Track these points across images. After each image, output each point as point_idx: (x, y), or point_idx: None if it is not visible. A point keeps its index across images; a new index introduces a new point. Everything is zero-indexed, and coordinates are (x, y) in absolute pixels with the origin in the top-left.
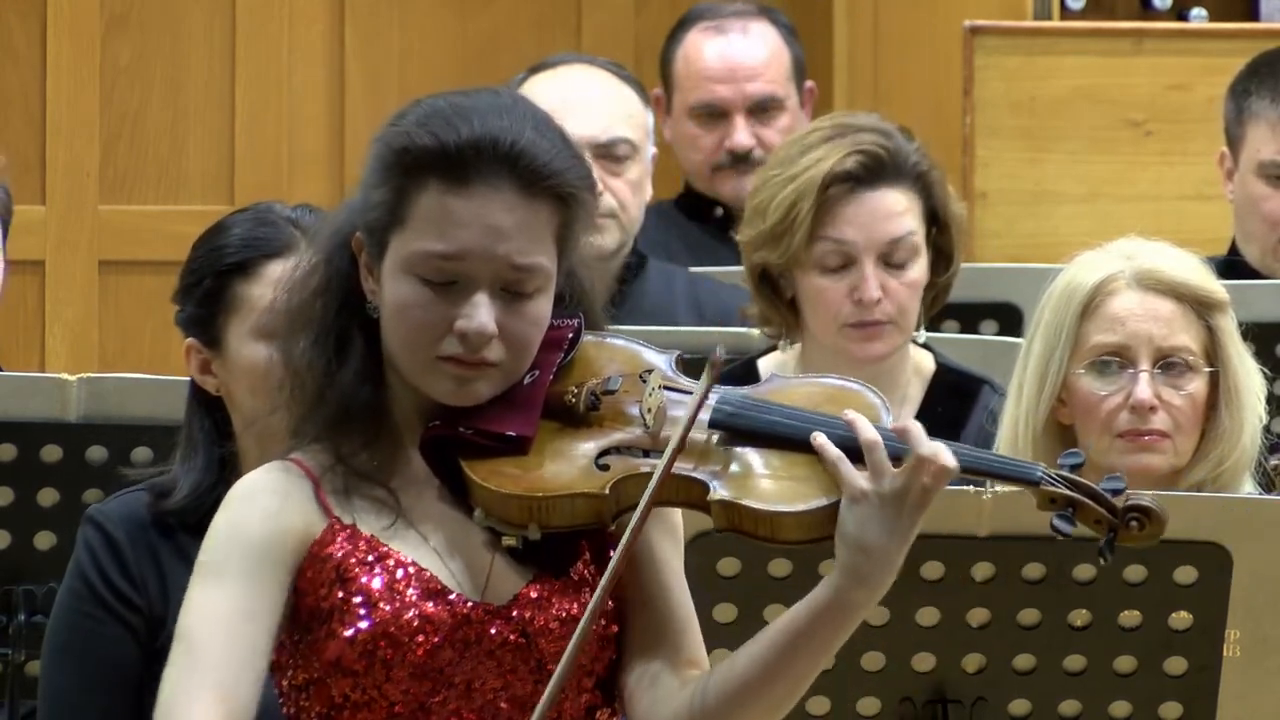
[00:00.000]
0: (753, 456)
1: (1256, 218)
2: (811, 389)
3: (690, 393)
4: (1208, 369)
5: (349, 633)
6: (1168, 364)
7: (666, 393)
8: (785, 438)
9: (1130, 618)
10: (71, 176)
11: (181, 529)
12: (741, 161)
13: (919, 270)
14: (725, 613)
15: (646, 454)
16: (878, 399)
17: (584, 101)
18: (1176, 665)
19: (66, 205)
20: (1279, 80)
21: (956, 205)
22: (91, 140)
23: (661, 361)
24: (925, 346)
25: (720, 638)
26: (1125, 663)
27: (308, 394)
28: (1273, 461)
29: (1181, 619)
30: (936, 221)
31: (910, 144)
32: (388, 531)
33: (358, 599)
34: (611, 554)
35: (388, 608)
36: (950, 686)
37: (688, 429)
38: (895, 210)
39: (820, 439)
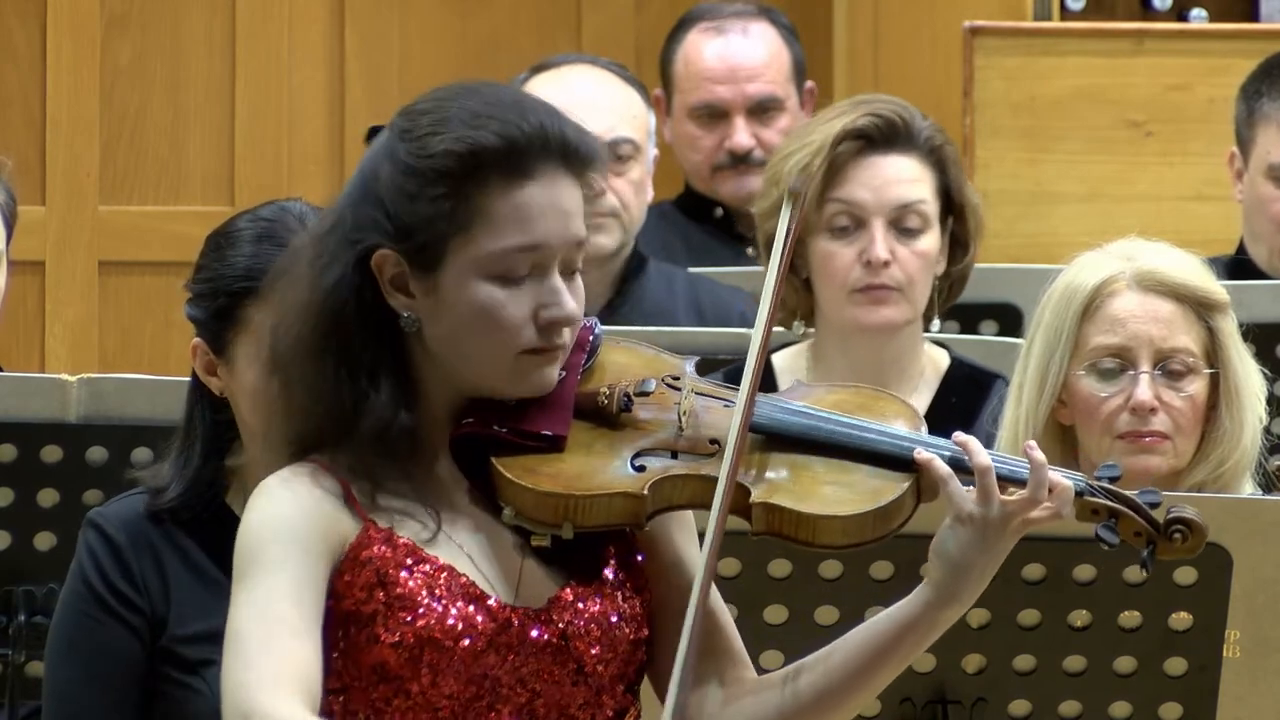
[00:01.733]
0: (793, 461)
1: (1265, 219)
2: (841, 395)
3: (719, 397)
4: (1208, 370)
5: (394, 639)
6: (1168, 365)
7: (698, 396)
8: (830, 444)
9: (1130, 618)
10: (71, 176)
11: (178, 528)
12: (741, 162)
13: (930, 242)
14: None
15: (676, 456)
16: (910, 406)
17: (586, 101)
18: (1176, 666)
19: (66, 205)
20: None
21: (973, 194)
22: (91, 140)
23: (683, 365)
24: (940, 344)
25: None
26: (1125, 663)
27: (333, 421)
28: (1274, 462)
29: (1181, 619)
30: (951, 204)
31: (926, 120)
32: (424, 539)
33: (401, 604)
34: (639, 558)
35: (431, 613)
36: (950, 686)
37: (743, 434)
38: (907, 175)
39: (925, 455)
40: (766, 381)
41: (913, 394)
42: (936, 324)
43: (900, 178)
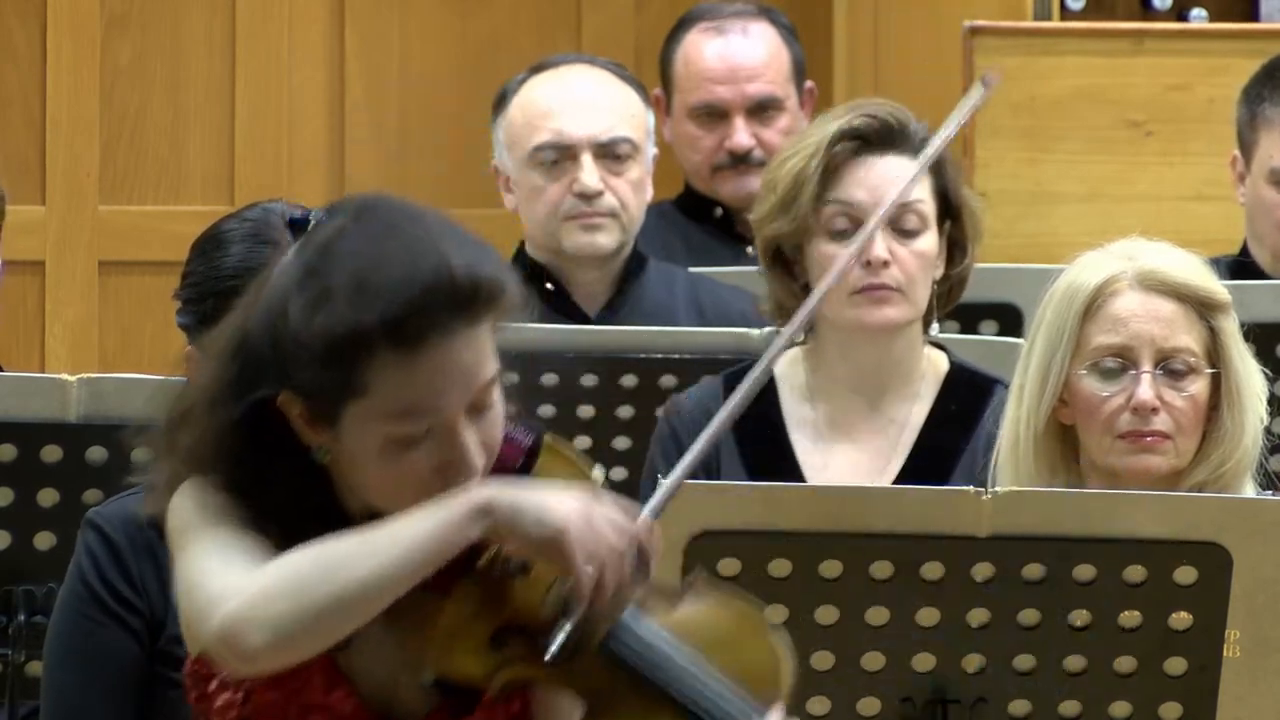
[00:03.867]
0: (629, 699)
1: (1268, 223)
2: (721, 618)
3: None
4: (1209, 370)
5: (225, 697)
6: (1169, 365)
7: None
8: (667, 697)
9: (1130, 618)
10: (71, 176)
11: None
12: (741, 162)
13: (928, 242)
14: None
15: (537, 639)
16: (776, 659)
17: (586, 101)
18: (1176, 665)
19: (66, 205)
20: None
21: (972, 197)
22: (91, 140)
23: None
24: (939, 346)
25: None
26: (1125, 663)
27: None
28: (1275, 463)
29: (1181, 619)
30: (948, 206)
31: (920, 123)
32: None
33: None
34: (518, 704)
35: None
36: (950, 686)
37: (565, 644)
38: (904, 176)
39: None
40: (765, 385)
41: (913, 399)
42: (936, 327)
43: (897, 177)
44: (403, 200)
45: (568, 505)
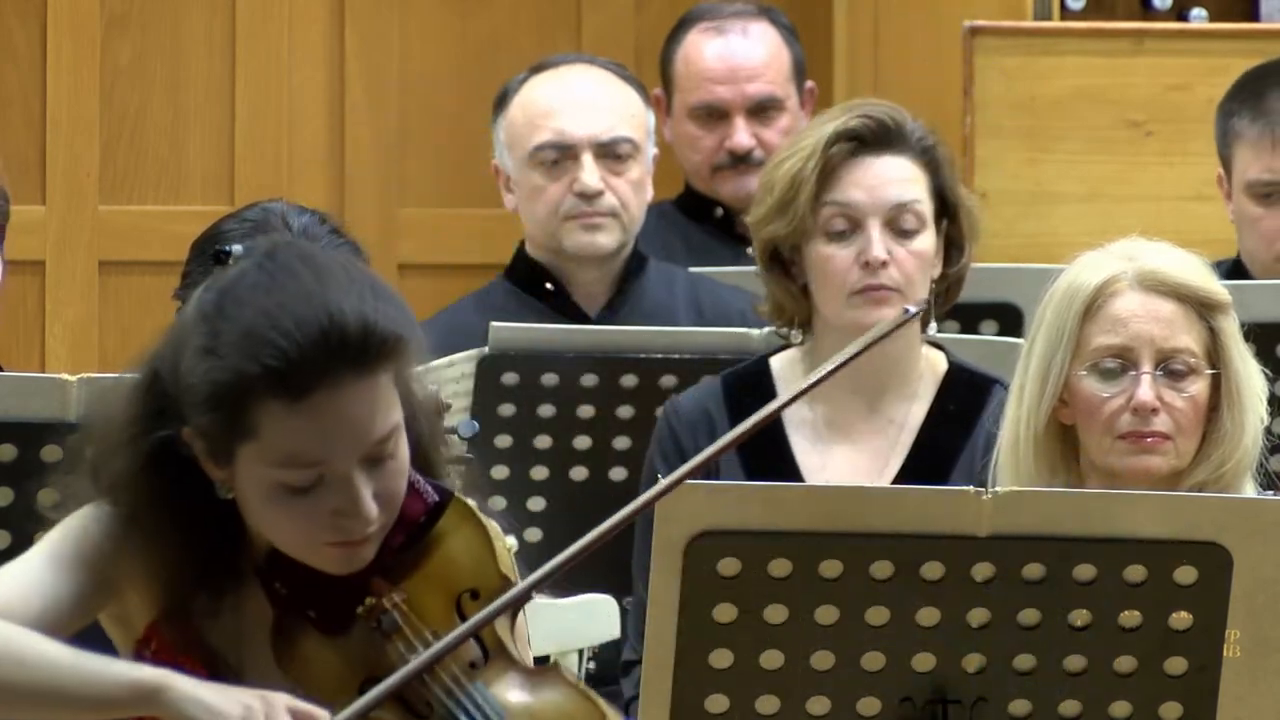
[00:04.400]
0: None
1: (1254, 236)
2: (571, 708)
3: (482, 658)
4: (1209, 371)
5: None
6: (1169, 366)
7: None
8: None
9: (1130, 618)
10: (71, 176)
11: None
12: (741, 162)
13: (926, 242)
14: (725, 613)
15: (405, 700)
16: None
17: (586, 101)
18: (1176, 665)
19: (66, 205)
20: (1258, 99)
21: (968, 196)
22: (91, 140)
23: (491, 586)
24: (937, 346)
25: (720, 638)
26: (1125, 663)
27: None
28: (1275, 463)
29: (1181, 619)
30: (945, 205)
31: (916, 122)
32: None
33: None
34: None
35: None
36: (950, 686)
37: (388, 686)
38: (901, 175)
39: None
40: (763, 385)
41: (911, 399)
42: (934, 327)
43: (895, 177)
44: (312, 248)
45: (245, 700)
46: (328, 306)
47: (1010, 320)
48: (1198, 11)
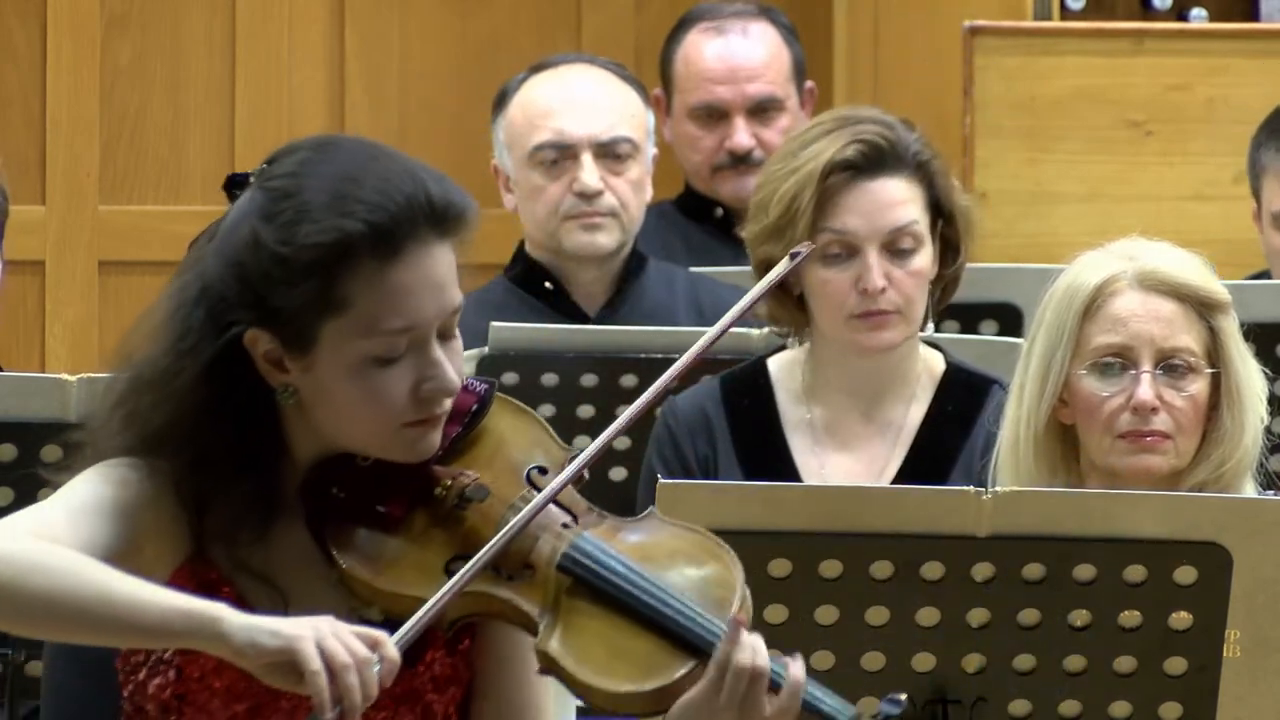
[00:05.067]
0: (589, 612)
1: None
2: (679, 545)
3: (570, 519)
4: (1209, 370)
5: (156, 681)
6: (1169, 365)
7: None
8: (628, 608)
9: (1130, 618)
10: (71, 176)
11: None
12: (741, 162)
13: (924, 260)
14: None
15: (498, 569)
16: (733, 576)
17: (586, 100)
18: (1176, 665)
19: (66, 205)
20: None
21: (961, 196)
22: (91, 140)
23: (556, 459)
24: (935, 346)
25: None
26: (1125, 663)
27: (210, 483)
28: (1275, 463)
29: (1181, 619)
30: (941, 212)
31: (911, 134)
32: (250, 587)
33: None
34: (465, 643)
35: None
36: (950, 686)
37: (488, 553)
38: (897, 199)
39: (742, 656)
40: (760, 386)
41: (909, 400)
42: (930, 327)
43: (891, 201)
44: (359, 137)
45: (303, 622)
46: (409, 170)
47: (1010, 320)
48: (1198, 11)
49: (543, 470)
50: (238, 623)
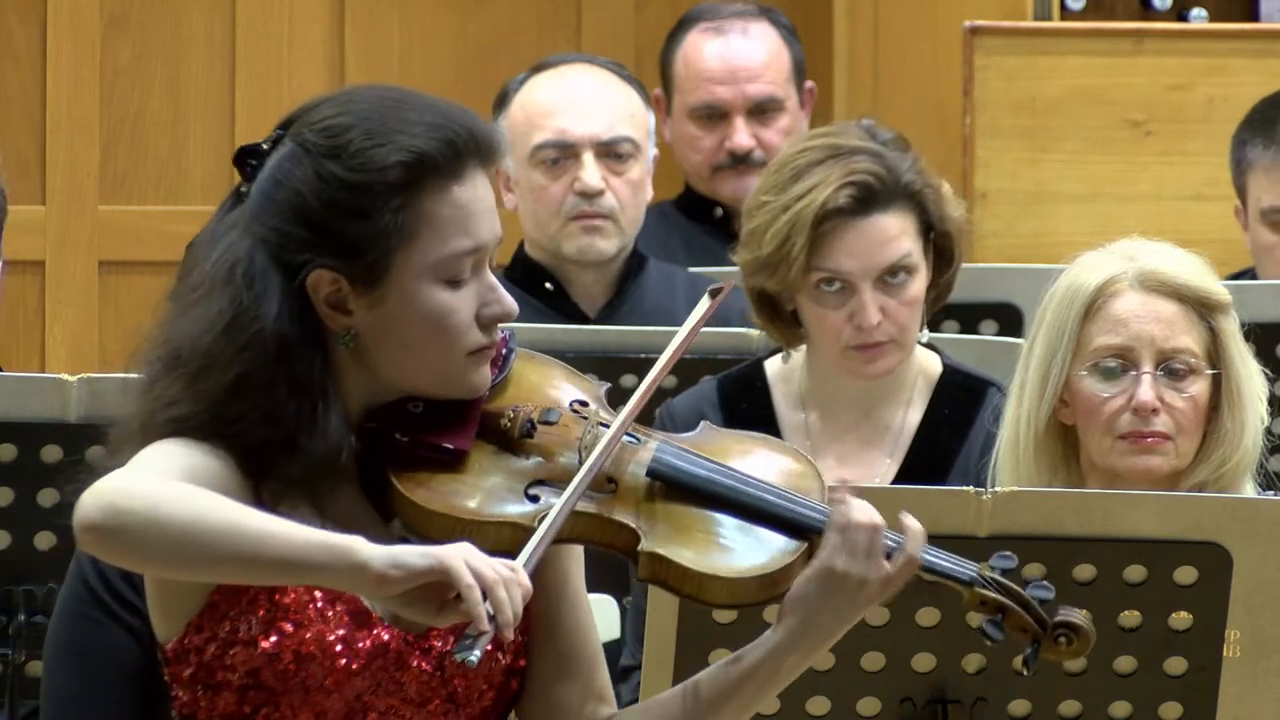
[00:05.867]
0: (686, 513)
1: (1271, 264)
2: (746, 446)
3: (634, 437)
4: (1210, 371)
5: (268, 644)
6: (1170, 366)
7: (603, 429)
8: (727, 501)
9: (1130, 618)
10: (71, 176)
11: None
12: (741, 162)
13: (918, 286)
14: (725, 613)
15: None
16: (810, 465)
17: (586, 100)
18: (1176, 665)
19: (66, 205)
20: (1271, 127)
21: (955, 209)
22: (91, 140)
23: (596, 390)
24: (931, 347)
25: (720, 638)
26: (1125, 663)
27: (279, 441)
28: (1275, 463)
29: (1181, 619)
30: (932, 227)
31: (904, 159)
32: None
33: (284, 613)
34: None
35: (313, 627)
36: (950, 686)
37: (599, 462)
38: (890, 234)
39: (845, 502)
40: (758, 388)
41: (906, 404)
42: (925, 334)
43: (884, 239)
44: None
45: (447, 545)
46: (452, 106)
47: (1010, 320)
48: (1198, 11)
49: (583, 403)
50: (377, 550)
